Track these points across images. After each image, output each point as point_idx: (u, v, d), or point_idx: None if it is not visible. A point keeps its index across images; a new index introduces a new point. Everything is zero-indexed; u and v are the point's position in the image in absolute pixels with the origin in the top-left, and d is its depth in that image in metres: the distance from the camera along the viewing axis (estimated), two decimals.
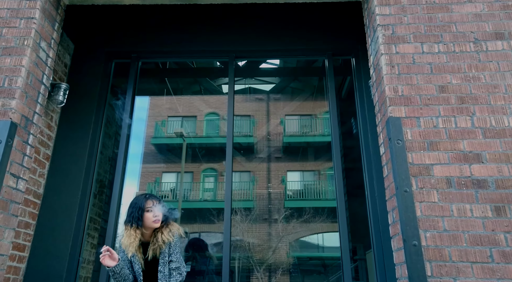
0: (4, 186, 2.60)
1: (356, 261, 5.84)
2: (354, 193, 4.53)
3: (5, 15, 2.96)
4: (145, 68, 5.12)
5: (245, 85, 9.90)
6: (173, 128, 12.52)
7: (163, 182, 12.21)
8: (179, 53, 3.88)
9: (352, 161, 5.22)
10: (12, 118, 2.67)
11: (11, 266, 3.02)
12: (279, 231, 12.21)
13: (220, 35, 3.86)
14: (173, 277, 2.44)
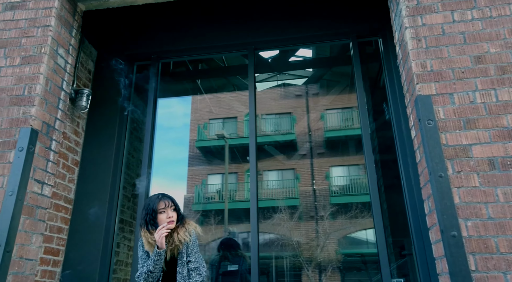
0: (28, 192, 2.64)
1: (405, 256, 5.49)
2: (396, 185, 4.23)
3: (23, 26, 3.03)
4: (177, 71, 5.13)
5: (277, 81, 9.73)
6: (214, 131, 12.62)
7: (209, 184, 12.34)
8: (196, 50, 3.82)
9: (393, 152, 4.91)
10: (32, 125, 2.72)
11: (46, 270, 3.09)
12: (326, 228, 11.90)
13: (238, 28, 3.74)
14: (192, 278, 2.34)
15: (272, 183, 12.95)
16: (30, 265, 2.64)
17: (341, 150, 13.12)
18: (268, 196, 12.71)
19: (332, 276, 11.30)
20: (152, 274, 2.34)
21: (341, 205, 12.27)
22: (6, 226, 2.45)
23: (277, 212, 12.19)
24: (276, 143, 12.60)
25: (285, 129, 13.09)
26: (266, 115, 13.33)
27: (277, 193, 12.75)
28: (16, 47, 2.96)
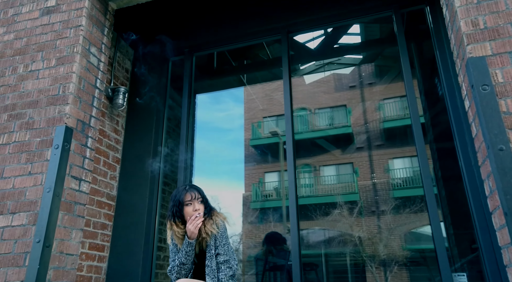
0: (66, 188, 2.68)
1: (476, 250, 4.95)
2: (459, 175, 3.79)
3: (58, 28, 3.11)
4: (222, 68, 5.07)
5: (324, 73, 9.37)
6: (268, 129, 12.52)
7: (266, 181, 12.28)
8: (228, 40, 3.70)
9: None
10: (67, 123, 2.76)
11: (92, 265, 3.14)
12: (389, 223, 11.29)
13: (269, 11, 3.57)
14: (221, 271, 2.21)
15: (330, 178, 12.55)
16: (71, 260, 2.67)
17: (401, 141, 12.37)
18: (325, 191, 12.33)
19: (398, 273, 10.66)
20: (185, 266, 2.25)
21: (404, 198, 11.55)
22: (44, 221, 2.50)
23: (336, 207, 11.78)
24: (332, 137, 12.19)
25: (340, 122, 12.63)
26: (319, 110, 12.96)
27: (335, 188, 12.33)
28: (52, 50, 3.04)
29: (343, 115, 12.46)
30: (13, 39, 3.19)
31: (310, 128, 12.49)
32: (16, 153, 2.79)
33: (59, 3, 3.21)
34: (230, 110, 11.65)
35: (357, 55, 7.45)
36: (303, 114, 12.57)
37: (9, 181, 2.72)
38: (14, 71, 3.06)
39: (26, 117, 2.87)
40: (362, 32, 5.55)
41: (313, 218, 11.39)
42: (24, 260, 2.47)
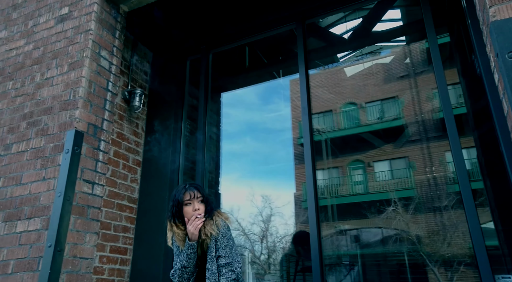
0: (78, 192, 2.69)
1: None
2: None
3: (70, 34, 3.15)
4: (253, 65, 4.93)
5: (363, 64, 8.89)
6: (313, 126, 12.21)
7: None
8: (243, 33, 3.54)
9: None
10: (77, 127, 2.77)
11: (114, 268, 3.14)
12: (452, 219, 10.46)
13: None
14: (223, 274, 2.05)
15: (383, 174, 11.93)
16: (85, 263, 2.67)
17: (460, 130, 11.43)
18: (378, 188, 11.74)
19: (466, 273, 9.85)
20: (187, 269, 2.13)
21: None
22: (55, 226, 2.51)
23: (390, 204, 11.16)
24: (383, 130, 11.59)
25: (391, 115, 11.97)
26: (367, 104, 12.37)
27: (389, 184, 11.69)
28: (65, 56, 3.09)
29: (394, 107, 11.80)
30: (32, 50, 3.29)
31: (358, 123, 11.98)
32: (33, 159, 2.85)
33: (71, 10, 3.25)
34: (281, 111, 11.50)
35: (397, 42, 6.95)
36: (351, 109, 12.10)
37: (26, 187, 2.78)
38: (32, 80, 3.15)
39: (41, 124, 2.93)
40: (403, 17, 5.14)
41: (367, 216, 10.89)
42: (37, 265, 2.50)
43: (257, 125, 11.78)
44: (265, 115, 11.14)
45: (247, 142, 11.77)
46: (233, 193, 9.54)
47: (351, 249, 10.40)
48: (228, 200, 8.20)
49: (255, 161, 11.90)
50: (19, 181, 2.83)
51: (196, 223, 2.12)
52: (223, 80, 4.36)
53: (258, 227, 12.32)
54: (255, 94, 11.09)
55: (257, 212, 12.30)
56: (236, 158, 10.81)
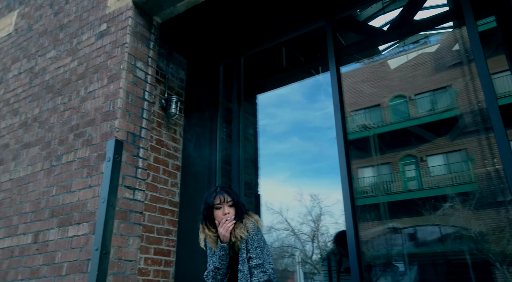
0: (120, 198, 2.84)
1: None
2: None
3: (109, 49, 3.34)
4: (291, 65, 4.92)
5: (407, 56, 8.51)
6: (357, 122, 11.94)
7: (360, 177, 11.69)
8: (273, 34, 3.54)
9: None
10: (116, 136, 2.93)
11: (158, 270, 3.28)
12: None
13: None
14: (254, 276, 2.07)
15: (438, 168, 11.37)
16: (130, 265, 2.81)
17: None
18: (433, 183, 11.20)
19: None
20: (219, 271, 2.18)
21: None
22: (100, 230, 2.67)
23: (446, 200, 10.61)
24: (434, 123, 11.05)
25: (443, 106, 11.39)
26: (417, 96, 11.84)
27: (445, 179, 11.11)
28: (104, 70, 3.27)
29: (447, 98, 11.21)
30: (76, 66, 3.53)
31: (408, 116, 11.51)
32: (80, 168, 3.05)
33: (109, 25, 3.45)
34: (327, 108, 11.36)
35: (443, 29, 6.59)
36: (399, 103, 11.65)
37: (75, 194, 2.99)
38: (77, 94, 3.37)
39: (86, 135, 3.13)
40: (448, 1, 4.88)
41: (422, 213, 10.43)
42: (87, 267, 2.67)
43: (304, 124, 11.68)
44: (311, 114, 11.04)
45: (295, 142, 11.69)
46: (281, 193, 9.53)
47: (406, 248, 10.00)
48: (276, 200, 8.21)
49: (303, 160, 11.80)
50: (69, 189, 3.04)
51: (227, 225, 2.16)
52: (258, 81, 4.38)
53: (308, 227, 12.21)
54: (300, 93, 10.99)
55: (306, 212, 12.19)
56: (284, 158, 10.78)
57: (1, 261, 3.21)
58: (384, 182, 11.65)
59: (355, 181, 11.86)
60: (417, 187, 11.76)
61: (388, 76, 11.88)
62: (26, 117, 3.68)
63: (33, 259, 2.99)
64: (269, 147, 5.24)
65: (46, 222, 3.05)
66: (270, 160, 5.49)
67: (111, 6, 3.52)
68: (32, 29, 4.23)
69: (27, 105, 3.74)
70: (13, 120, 3.79)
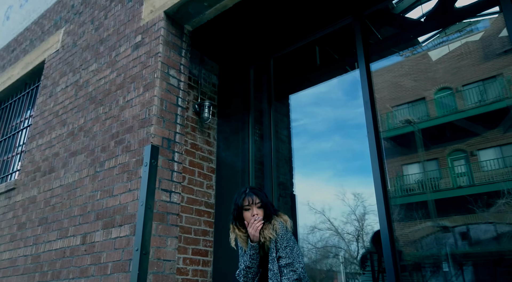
0: (157, 200, 2.98)
1: None
2: None
3: (144, 59, 3.51)
4: (325, 63, 4.90)
5: (448, 46, 8.12)
6: (399, 118, 11.59)
7: (405, 175, 11.33)
8: (302, 34, 3.55)
9: None
10: (152, 142, 3.07)
11: (197, 269, 3.40)
12: None
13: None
14: (284, 275, 2.11)
15: (491, 163, 10.77)
16: (168, 265, 2.94)
17: None
18: (486, 179, 10.62)
19: None
20: (250, 269, 2.24)
21: None
22: (140, 231, 2.82)
23: (500, 197, 10.02)
24: (483, 115, 10.49)
25: (494, 96, 10.79)
26: (464, 87, 11.28)
27: (498, 174, 10.50)
28: (140, 79, 3.45)
29: (497, 87, 10.59)
30: (115, 77, 3.74)
31: (456, 109, 10.99)
32: (120, 173, 3.23)
33: (143, 37, 3.62)
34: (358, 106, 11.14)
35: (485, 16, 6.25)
36: (445, 95, 11.17)
37: (117, 198, 3.17)
38: (117, 103, 3.58)
39: (125, 141, 3.32)
40: None
41: (474, 211, 9.91)
42: (129, 266, 2.83)
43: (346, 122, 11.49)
44: (352, 111, 10.84)
45: (337, 140, 11.53)
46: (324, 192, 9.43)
47: (459, 248, 9.55)
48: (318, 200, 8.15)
49: (345, 159, 11.60)
50: (111, 193, 3.23)
51: (256, 225, 2.21)
52: (290, 82, 4.40)
53: (352, 226, 11.98)
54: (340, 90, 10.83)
55: (349, 211, 11.98)
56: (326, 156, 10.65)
57: (55, 261, 3.47)
58: (431, 178, 11.21)
59: (400, 178, 11.49)
60: (468, 183, 11.21)
61: (431, 68, 11.43)
62: (72, 127, 3.95)
63: (82, 259, 3.21)
64: (310, 146, 5.20)
65: (92, 224, 3.26)
66: (312, 159, 5.44)
67: (145, 18, 3.70)
68: (76, 44, 4.53)
69: (73, 116, 4.02)
70: (62, 131, 4.08)
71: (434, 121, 11.42)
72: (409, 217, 10.72)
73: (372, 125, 2.94)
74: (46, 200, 3.85)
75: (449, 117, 10.91)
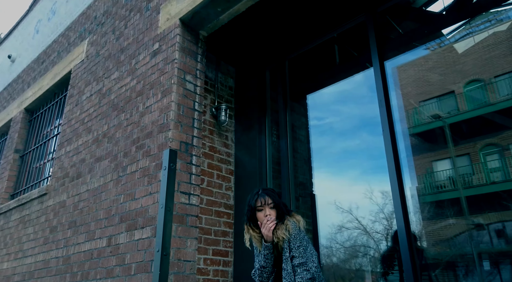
0: (176, 203, 3.07)
1: None
2: None
3: (161, 66, 3.62)
4: (345, 60, 4.87)
5: (473, 38, 7.83)
6: (427, 113, 11.28)
7: (435, 171, 11.03)
8: (316, 35, 3.55)
9: None
10: (170, 146, 3.17)
11: (217, 269, 3.47)
12: None
13: None
14: (298, 274, 2.13)
15: None
16: (189, 265, 3.02)
17: None
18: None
19: None
20: (265, 269, 2.29)
21: None
22: (160, 233, 2.92)
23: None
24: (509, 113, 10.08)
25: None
26: (496, 78, 10.88)
27: None
28: (158, 85, 3.56)
29: None
30: (135, 84, 3.87)
31: (487, 101, 10.61)
32: (141, 177, 3.35)
33: (160, 44, 3.73)
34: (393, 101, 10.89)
35: None
36: (475, 88, 10.80)
37: (138, 201, 3.29)
38: (137, 110, 3.70)
39: (146, 146, 3.43)
40: None
41: (509, 207, 9.54)
42: (150, 267, 2.93)
43: (372, 119, 11.30)
44: (377, 107, 10.63)
45: (363, 137, 11.36)
46: (351, 191, 9.31)
47: (495, 246, 9.21)
48: (345, 199, 8.05)
49: (372, 156, 11.41)
50: (133, 197, 3.35)
51: (268, 225, 2.25)
52: (307, 82, 4.40)
53: (381, 225, 11.78)
54: (366, 86, 10.71)
55: (378, 209, 11.78)
56: (353, 155, 10.50)
57: (84, 262, 3.63)
58: (463, 174, 10.86)
59: (430, 175, 11.20)
60: (502, 178, 10.78)
61: (459, 60, 11.07)
62: (97, 134, 4.12)
63: (108, 260, 3.35)
64: (336, 145, 5.15)
65: (117, 227, 3.39)
66: (338, 157, 5.38)
67: (161, 26, 3.81)
68: (99, 54, 4.71)
69: (97, 123, 4.18)
70: (88, 137, 4.26)
71: (464, 115, 11.06)
72: (439, 214, 10.42)
73: (387, 123, 2.92)
74: (75, 204, 4.04)
75: (480, 110, 10.54)
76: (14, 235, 4.96)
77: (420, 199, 11.35)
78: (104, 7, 5.00)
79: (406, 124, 11.93)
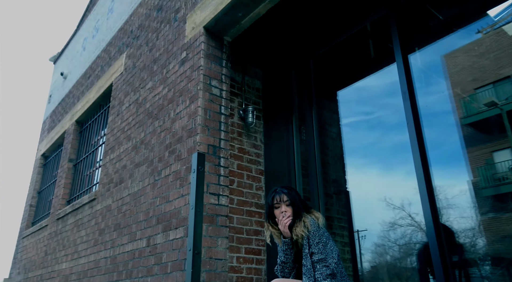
0: (206, 204, 3.20)
1: None
2: None
3: (189, 74, 3.78)
4: (379, 53, 4.80)
5: None
6: (482, 101, 10.65)
7: (496, 162, 10.39)
8: (335, 33, 3.54)
9: None
10: (199, 150, 3.31)
11: (251, 267, 3.55)
12: None
13: None
14: (317, 270, 2.17)
15: None
16: (220, 264, 3.14)
17: None
18: None
19: None
20: (286, 264, 2.35)
21: None
22: (191, 233, 3.06)
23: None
24: None
25: None
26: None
27: None
28: (186, 92, 3.72)
29: None
30: (167, 92, 4.07)
31: None
32: (174, 180, 3.52)
33: (187, 53, 3.90)
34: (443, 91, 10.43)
35: None
36: None
37: (172, 203, 3.46)
38: (169, 117, 3.89)
39: (177, 151, 3.60)
40: None
41: None
42: (184, 266, 3.08)
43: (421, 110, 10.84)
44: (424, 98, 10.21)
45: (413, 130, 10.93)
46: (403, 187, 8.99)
47: None
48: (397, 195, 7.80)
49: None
50: (168, 199, 3.53)
51: (284, 221, 2.31)
52: (336, 79, 4.38)
53: None
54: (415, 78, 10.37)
55: None
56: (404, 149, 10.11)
57: (128, 262, 3.87)
58: None
59: (491, 166, 10.56)
60: None
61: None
62: (136, 141, 4.37)
63: (148, 260, 3.55)
64: (387, 139, 5.02)
65: (154, 228, 3.59)
66: (389, 153, 5.24)
67: (188, 35, 3.98)
68: (135, 66, 4.99)
69: (135, 131, 4.44)
70: (128, 145, 4.53)
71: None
72: (499, 209, 9.80)
73: (411, 115, 2.85)
74: (118, 208, 4.31)
75: None
76: (70, 238, 5.38)
77: (480, 192, 10.73)
78: (139, 21, 5.29)
79: (458, 114, 11.35)
